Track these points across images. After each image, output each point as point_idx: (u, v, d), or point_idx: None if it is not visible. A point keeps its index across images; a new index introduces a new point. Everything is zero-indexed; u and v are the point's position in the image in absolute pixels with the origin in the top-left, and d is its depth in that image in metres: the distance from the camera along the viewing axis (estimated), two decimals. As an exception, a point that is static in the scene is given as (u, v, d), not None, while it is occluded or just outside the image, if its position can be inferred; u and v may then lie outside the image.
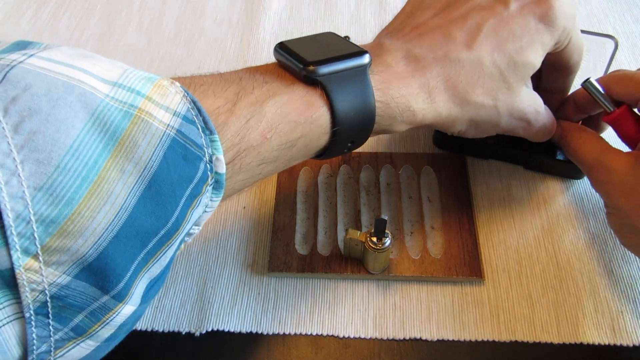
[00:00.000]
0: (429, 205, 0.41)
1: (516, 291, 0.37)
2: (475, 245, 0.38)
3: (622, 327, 0.35)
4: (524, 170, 0.43)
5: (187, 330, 0.35)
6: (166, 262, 0.24)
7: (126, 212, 0.21)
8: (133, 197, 0.21)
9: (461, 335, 0.35)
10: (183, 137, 0.23)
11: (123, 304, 0.22)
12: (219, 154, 0.24)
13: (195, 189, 0.24)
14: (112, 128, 0.21)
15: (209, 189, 0.24)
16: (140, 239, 0.22)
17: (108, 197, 0.20)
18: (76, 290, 0.21)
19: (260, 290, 0.37)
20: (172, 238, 0.24)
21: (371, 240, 0.34)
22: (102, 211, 0.20)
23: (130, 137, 0.21)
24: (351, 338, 0.35)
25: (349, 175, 0.42)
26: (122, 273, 0.22)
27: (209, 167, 0.24)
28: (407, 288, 0.37)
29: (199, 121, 0.23)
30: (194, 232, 0.26)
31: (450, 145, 0.44)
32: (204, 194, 0.24)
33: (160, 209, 0.22)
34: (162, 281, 0.26)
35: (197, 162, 0.23)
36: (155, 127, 0.22)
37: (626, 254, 0.38)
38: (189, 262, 0.39)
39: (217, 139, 0.24)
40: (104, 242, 0.21)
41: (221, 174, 0.25)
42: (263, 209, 0.41)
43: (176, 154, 0.22)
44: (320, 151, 0.30)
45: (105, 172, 0.20)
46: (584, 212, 0.40)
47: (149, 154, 0.21)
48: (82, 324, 0.22)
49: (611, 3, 0.56)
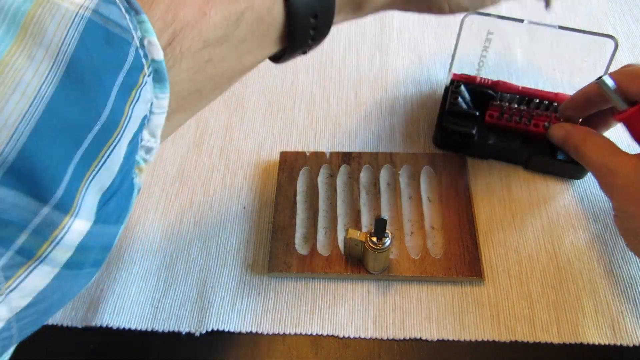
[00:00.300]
0: (429, 205, 0.41)
1: (516, 291, 0.37)
2: (475, 245, 0.38)
3: (622, 327, 0.35)
4: (524, 170, 0.43)
5: (187, 330, 0.35)
6: (115, 169, 0.22)
7: (42, 101, 0.19)
8: (49, 86, 0.19)
9: (461, 335, 0.35)
10: (102, 18, 0.20)
11: (70, 216, 0.20)
12: (151, 35, 0.22)
13: (128, 78, 0.21)
14: (11, 11, 0.19)
15: (147, 79, 0.22)
16: (69, 134, 0.20)
17: (17, 85, 0.18)
18: (7, 202, 0.19)
19: (260, 290, 0.37)
20: (113, 136, 0.21)
21: (371, 240, 0.34)
22: (10, 100, 0.18)
23: (35, 19, 0.19)
24: (351, 338, 0.35)
25: (349, 175, 0.43)
26: (55, 175, 0.19)
27: (141, 53, 0.21)
28: (407, 288, 0.37)
29: (121, 1, 0.21)
30: (150, 144, 0.24)
31: (450, 145, 0.44)
32: (141, 85, 0.22)
33: (86, 98, 0.20)
34: (126, 197, 0.23)
35: (124, 46, 0.21)
36: (64, 8, 0.19)
37: (626, 254, 0.38)
38: (189, 262, 0.39)
39: (145, 19, 0.21)
40: (22, 137, 0.18)
41: (159, 61, 0.22)
42: (263, 209, 0.41)
43: (95, 36, 0.20)
44: (280, 33, 0.27)
45: (9, 58, 0.18)
46: (584, 212, 0.40)
47: (60, 37, 0.19)
48: (27, 245, 0.20)
49: (611, 3, 0.56)
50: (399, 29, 0.54)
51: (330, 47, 0.53)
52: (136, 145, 0.23)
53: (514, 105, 0.42)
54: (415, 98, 0.48)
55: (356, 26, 0.55)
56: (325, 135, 0.46)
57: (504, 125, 0.43)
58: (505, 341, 0.35)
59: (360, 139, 0.46)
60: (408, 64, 0.51)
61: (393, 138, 0.45)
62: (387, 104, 0.48)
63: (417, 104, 0.48)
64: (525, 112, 0.42)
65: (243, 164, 0.44)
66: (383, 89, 0.49)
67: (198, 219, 0.41)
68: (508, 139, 0.42)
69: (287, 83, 0.50)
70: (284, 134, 0.46)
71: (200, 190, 0.42)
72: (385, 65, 0.51)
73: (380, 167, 0.42)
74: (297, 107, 0.48)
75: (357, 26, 0.55)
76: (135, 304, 0.37)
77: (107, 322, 0.36)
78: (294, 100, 0.48)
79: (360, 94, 0.49)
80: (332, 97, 0.49)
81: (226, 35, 0.25)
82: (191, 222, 0.41)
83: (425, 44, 0.53)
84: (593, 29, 0.43)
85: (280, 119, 0.47)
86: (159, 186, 0.43)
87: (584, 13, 0.55)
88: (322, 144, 0.45)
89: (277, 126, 0.47)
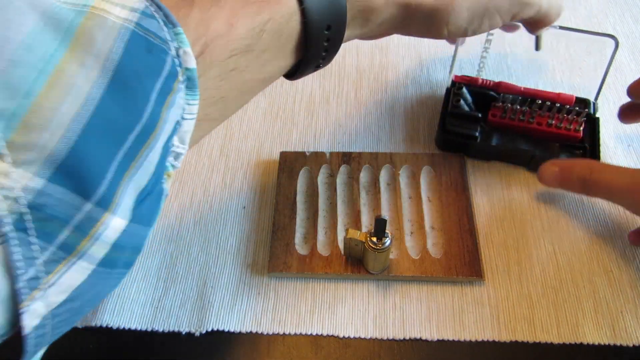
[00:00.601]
0: (429, 205, 0.41)
1: (516, 291, 0.37)
2: (475, 245, 0.38)
3: (622, 327, 0.35)
4: (524, 170, 0.43)
5: (187, 330, 0.35)
6: (151, 170, 0.23)
7: (93, 102, 0.20)
8: (99, 89, 0.21)
9: (461, 335, 0.35)
10: (144, 30, 0.22)
11: (109, 213, 0.21)
12: (186, 46, 0.23)
13: (165, 84, 0.23)
14: (65, 24, 0.20)
15: (181, 86, 0.24)
16: (114, 133, 0.21)
17: (70, 89, 0.20)
18: (54, 197, 0.20)
19: (260, 290, 0.37)
20: (150, 138, 0.23)
21: (371, 240, 0.34)
22: (65, 102, 0.20)
23: (87, 31, 0.21)
24: (351, 338, 0.35)
25: (349, 175, 0.43)
26: (100, 172, 0.21)
27: (177, 62, 0.23)
28: (407, 288, 0.37)
29: (160, 15, 0.23)
30: (179, 150, 0.25)
31: (453, 147, 0.44)
32: (176, 92, 0.24)
33: (130, 101, 0.22)
34: (156, 200, 0.25)
35: (163, 55, 0.23)
36: (111, 22, 0.21)
37: (626, 254, 0.38)
38: (189, 262, 0.39)
39: (181, 32, 0.23)
40: (73, 135, 0.20)
41: (192, 69, 0.24)
42: (263, 209, 0.41)
43: (138, 46, 0.22)
44: (297, 44, 0.29)
45: (64, 65, 0.20)
46: (584, 212, 0.40)
47: (109, 47, 0.21)
48: (69, 240, 0.21)
49: (611, 3, 0.56)
50: (399, 29, 0.54)
51: (330, 47, 0.53)
52: (168, 150, 0.24)
53: (516, 106, 0.42)
54: (415, 98, 0.48)
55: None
56: (325, 135, 0.46)
57: (507, 126, 0.43)
58: (505, 341, 0.35)
59: (360, 139, 0.46)
60: (408, 64, 0.51)
61: (393, 138, 0.45)
62: (387, 104, 0.48)
63: (417, 104, 0.48)
64: (528, 113, 0.42)
65: (243, 164, 0.44)
66: (383, 89, 0.49)
67: (198, 218, 0.41)
68: (511, 140, 0.42)
69: (287, 83, 0.50)
70: (284, 134, 0.46)
71: (200, 190, 0.42)
72: (385, 65, 0.51)
73: (380, 167, 0.42)
74: (297, 107, 0.48)
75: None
76: (135, 304, 0.37)
77: (107, 322, 0.36)
78: (294, 100, 0.48)
79: (360, 94, 0.49)
80: (332, 97, 0.49)
81: (250, 45, 0.27)
82: (191, 222, 0.41)
83: (425, 44, 0.53)
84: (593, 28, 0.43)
85: (280, 119, 0.47)
86: (159, 186, 0.43)
87: (584, 13, 0.55)
88: (322, 144, 0.45)
89: (277, 126, 0.47)
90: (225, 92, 0.27)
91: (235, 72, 0.27)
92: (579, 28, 0.42)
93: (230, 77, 0.27)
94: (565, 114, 0.42)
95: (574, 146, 0.42)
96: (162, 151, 0.24)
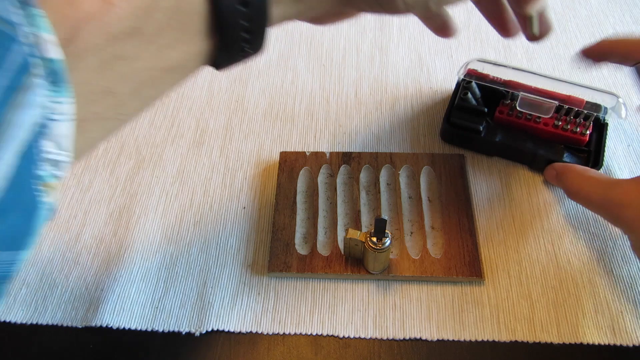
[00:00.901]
0: (429, 205, 0.41)
1: (516, 291, 0.37)
2: (475, 245, 0.38)
3: (622, 327, 0.35)
4: (524, 170, 0.43)
5: (187, 330, 0.35)
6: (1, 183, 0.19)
7: None
8: None
9: (461, 335, 0.35)
10: None
11: None
12: (44, 31, 0.19)
13: (11, 80, 0.18)
14: None
15: (39, 82, 0.19)
16: None
17: None
18: None
19: (260, 290, 0.37)
20: None
21: (371, 240, 0.34)
22: None
23: None
24: (351, 338, 0.35)
25: (349, 175, 0.43)
26: None
27: (30, 52, 0.19)
28: (407, 288, 0.37)
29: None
30: (58, 157, 0.20)
31: (457, 140, 0.44)
32: (30, 88, 0.19)
33: None
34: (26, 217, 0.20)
35: (7, 43, 0.18)
36: None
37: (626, 254, 0.38)
38: (189, 262, 0.39)
39: (36, 13, 0.19)
40: None
41: (55, 60, 0.19)
42: (263, 209, 0.41)
43: None
44: (207, 25, 0.24)
45: None
46: (584, 212, 0.40)
47: None
48: None
49: (611, 3, 0.56)
50: (399, 29, 0.54)
51: (330, 47, 0.53)
52: (32, 157, 0.20)
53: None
54: (415, 98, 0.48)
55: (356, 26, 0.55)
56: (325, 135, 0.46)
57: (513, 124, 0.43)
58: (505, 341, 0.35)
59: (360, 139, 0.46)
60: (408, 64, 0.51)
61: (393, 138, 0.45)
62: (387, 104, 0.48)
63: (417, 104, 0.48)
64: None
65: (243, 164, 0.44)
66: (383, 89, 0.49)
67: (198, 219, 0.41)
68: (516, 138, 0.42)
69: (287, 83, 0.50)
70: (284, 134, 0.46)
71: (200, 191, 0.42)
72: (385, 65, 0.51)
73: (380, 167, 0.42)
74: (297, 107, 0.48)
75: (357, 26, 0.55)
76: (135, 304, 0.37)
77: (107, 322, 0.36)
78: (294, 100, 0.48)
79: (360, 94, 0.49)
80: (332, 97, 0.49)
81: (137, 27, 0.22)
82: (191, 223, 0.41)
83: (425, 43, 0.53)
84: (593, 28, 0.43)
85: (280, 119, 0.47)
86: (159, 186, 0.43)
87: (584, 13, 0.55)
88: (322, 144, 0.45)
89: (277, 126, 0.47)
90: (114, 86, 0.23)
91: (122, 60, 0.22)
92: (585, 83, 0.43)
93: (116, 67, 0.22)
94: (573, 117, 0.41)
95: (578, 149, 0.42)
96: (18, 160, 0.19)
